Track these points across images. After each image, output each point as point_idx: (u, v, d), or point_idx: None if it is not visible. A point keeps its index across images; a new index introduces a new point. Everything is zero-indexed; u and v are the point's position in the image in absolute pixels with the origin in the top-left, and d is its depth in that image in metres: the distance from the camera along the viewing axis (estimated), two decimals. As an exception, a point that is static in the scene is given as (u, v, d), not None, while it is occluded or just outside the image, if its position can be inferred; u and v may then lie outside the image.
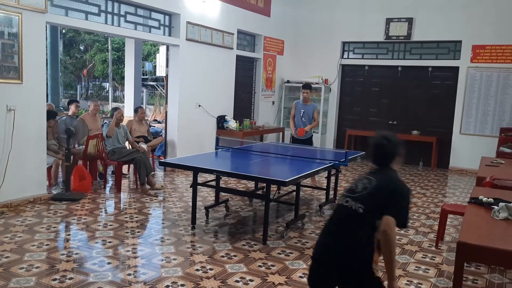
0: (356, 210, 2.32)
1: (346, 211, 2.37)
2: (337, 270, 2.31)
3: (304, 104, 7.22)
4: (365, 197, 2.33)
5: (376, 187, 2.34)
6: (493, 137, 8.88)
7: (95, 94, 25.04)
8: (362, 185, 2.38)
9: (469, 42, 9.16)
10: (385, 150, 2.47)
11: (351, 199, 2.37)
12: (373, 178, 2.39)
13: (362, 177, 2.46)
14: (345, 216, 2.38)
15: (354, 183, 2.46)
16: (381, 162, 2.47)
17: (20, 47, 5.16)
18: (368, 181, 2.39)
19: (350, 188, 2.44)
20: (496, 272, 3.97)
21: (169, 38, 7.63)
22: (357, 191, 2.38)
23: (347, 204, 2.37)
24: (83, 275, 3.50)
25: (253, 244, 4.39)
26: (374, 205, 2.30)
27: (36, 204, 5.39)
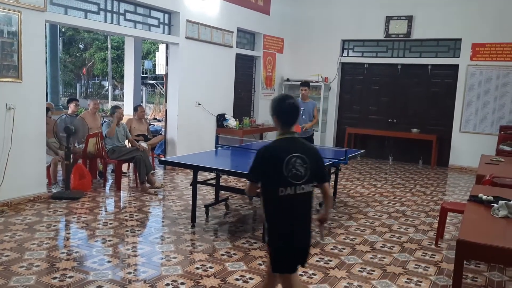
0: (308, 192, 2.52)
1: (301, 199, 2.50)
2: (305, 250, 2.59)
3: (303, 102, 7.18)
4: (310, 176, 2.50)
5: (310, 161, 2.50)
6: (493, 135, 8.88)
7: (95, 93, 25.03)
8: (303, 168, 2.48)
9: (469, 40, 9.16)
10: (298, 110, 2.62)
11: (302, 184, 2.48)
12: (301, 154, 2.49)
13: (292, 158, 2.46)
14: (302, 202, 2.52)
15: (291, 169, 2.46)
16: (293, 122, 2.58)
17: (20, 46, 5.15)
18: (302, 160, 2.48)
19: (295, 175, 2.46)
20: (496, 270, 3.97)
21: (169, 37, 7.63)
22: (302, 175, 2.48)
23: (301, 192, 2.48)
24: (83, 274, 3.50)
25: (253, 243, 4.39)
26: (314, 179, 2.54)
27: (36, 203, 5.39)
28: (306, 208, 2.55)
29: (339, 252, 4.25)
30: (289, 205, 2.49)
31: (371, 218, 5.47)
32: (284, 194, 2.46)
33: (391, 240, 4.68)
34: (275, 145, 2.57)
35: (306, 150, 2.53)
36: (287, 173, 2.45)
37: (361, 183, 7.59)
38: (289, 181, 2.45)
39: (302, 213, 2.53)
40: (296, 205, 2.50)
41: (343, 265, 3.95)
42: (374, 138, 10.39)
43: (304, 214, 2.54)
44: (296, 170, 2.46)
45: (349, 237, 4.72)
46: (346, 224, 5.16)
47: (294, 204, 2.50)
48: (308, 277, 3.63)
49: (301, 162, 2.47)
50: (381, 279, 3.67)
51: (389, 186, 7.46)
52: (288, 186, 2.46)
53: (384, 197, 6.61)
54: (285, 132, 2.56)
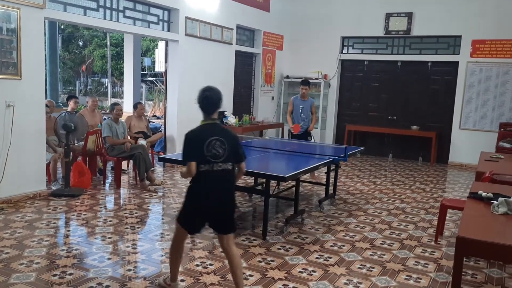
0: (227, 169, 3.01)
1: (220, 174, 2.99)
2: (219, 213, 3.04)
3: (302, 100, 7.22)
4: (228, 156, 3.00)
5: (228, 145, 2.99)
6: (493, 132, 8.88)
7: (94, 90, 25.00)
8: (221, 149, 2.97)
9: (469, 37, 9.15)
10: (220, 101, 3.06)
11: (221, 162, 2.98)
12: (221, 137, 2.98)
13: (212, 141, 2.95)
14: (221, 177, 3.00)
15: (211, 149, 2.94)
16: (211, 112, 3.05)
17: (19, 43, 5.14)
18: (221, 142, 2.97)
19: (214, 155, 2.95)
20: (495, 267, 3.98)
21: (168, 34, 7.61)
22: (221, 155, 2.97)
23: (220, 168, 2.98)
24: (83, 271, 3.50)
25: (252, 240, 4.39)
26: (234, 158, 3.05)
27: (36, 200, 5.39)
28: (223, 182, 3.02)
29: (338, 249, 4.25)
30: (206, 178, 2.97)
31: (371, 215, 5.47)
32: (203, 169, 2.95)
33: (390, 237, 4.68)
34: (198, 129, 3.05)
35: (225, 135, 3.01)
36: (207, 153, 2.93)
37: (360, 180, 7.60)
38: (208, 159, 2.94)
39: (217, 186, 3.00)
40: (213, 179, 2.98)
41: (342, 262, 3.95)
42: (373, 135, 10.39)
43: (220, 186, 3.01)
44: (215, 150, 2.95)
45: (348, 234, 4.72)
46: (346, 221, 5.17)
47: (211, 178, 2.98)
48: (307, 274, 3.64)
49: (220, 144, 2.96)
50: (380, 276, 3.68)
51: (389, 183, 7.46)
52: (207, 163, 2.95)
53: (384, 194, 6.61)
54: (207, 119, 3.06)
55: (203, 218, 3.07)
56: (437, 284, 3.58)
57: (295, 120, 7.26)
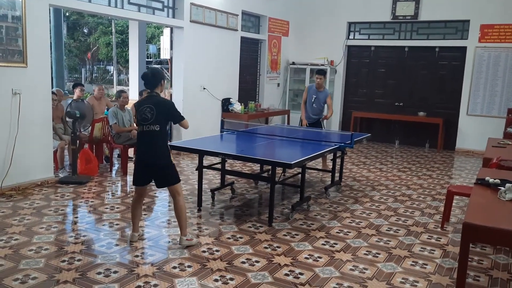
0: (154, 130, 3.65)
1: (149, 133, 3.66)
2: (154, 165, 3.71)
3: (317, 90, 6.86)
4: (156, 119, 3.64)
5: (157, 110, 3.64)
6: (501, 118, 8.81)
7: (100, 78, 25.03)
8: (150, 114, 3.64)
9: (477, 22, 9.01)
10: (155, 78, 3.75)
11: (149, 124, 3.65)
12: (151, 105, 3.66)
13: (143, 107, 3.67)
14: (149, 136, 3.67)
15: (142, 114, 3.66)
16: (152, 87, 3.75)
17: (24, 30, 5.13)
18: (150, 108, 3.65)
19: (143, 118, 3.65)
20: (502, 253, 3.98)
21: (173, 20, 7.57)
22: (149, 118, 3.64)
23: (148, 129, 3.65)
24: (91, 257, 3.55)
25: (258, 226, 4.42)
26: (163, 121, 3.70)
27: (44, 187, 5.44)
28: (153, 140, 3.67)
29: (344, 236, 4.27)
30: (141, 137, 3.73)
31: (377, 202, 5.47)
32: (138, 130, 3.75)
33: (396, 224, 4.69)
34: (141, 100, 3.92)
35: (156, 103, 3.66)
36: (139, 117, 3.69)
37: (367, 167, 7.58)
38: (140, 122, 3.68)
39: (149, 142, 3.68)
40: (145, 137, 3.69)
41: (348, 248, 3.97)
42: (380, 121, 10.34)
43: (151, 143, 3.68)
44: (144, 115, 3.65)
45: (354, 220, 4.73)
46: (352, 208, 5.17)
47: (144, 137, 3.69)
48: (313, 260, 3.66)
49: (149, 110, 3.64)
50: (386, 262, 3.69)
51: (395, 169, 7.44)
52: (140, 125, 3.70)
53: (390, 181, 6.60)
54: (148, 93, 3.80)
55: (142, 172, 3.77)
56: (443, 270, 3.59)
57: (307, 110, 6.97)
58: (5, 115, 5.07)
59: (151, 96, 3.76)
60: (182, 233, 3.83)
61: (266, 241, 4.04)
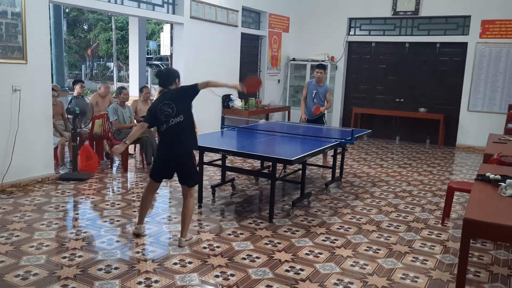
0: (179, 121, 3.65)
1: (175, 127, 3.65)
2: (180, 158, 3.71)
3: (317, 85, 6.79)
4: (178, 111, 3.64)
5: (176, 101, 3.66)
6: (501, 114, 8.80)
7: (100, 74, 25.01)
8: (170, 108, 3.64)
9: (478, 17, 8.99)
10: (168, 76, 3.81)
11: (172, 118, 3.64)
12: (168, 100, 3.65)
13: (162, 105, 3.65)
14: (176, 129, 3.65)
15: (163, 112, 3.64)
16: (165, 84, 3.77)
17: (24, 27, 5.12)
18: (168, 104, 3.64)
19: (165, 115, 3.64)
20: (502, 249, 3.98)
21: (173, 16, 7.55)
22: (170, 113, 3.64)
23: (173, 123, 3.64)
24: (92, 253, 3.55)
25: (259, 222, 4.42)
26: (184, 109, 3.69)
27: (44, 184, 5.44)
28: (182, 131, 3.67)
29: (345, 232, 4.27)
30: (168, 134, 3.67)
31: (378, 198, 5.47)
32: (163, 129, 3.68)
33: (397, 220, 4.69)
34: (155, 100, 3.84)
35: (170, 97, 3.68)
36: (160, 116, 3.65)
37: (367, 163, 7.58)
38: (163, 120, 3.65)
39: (177, 134, 3.66)
40: (172, 132, 3.66)
41: (349, 244, 3.97)
42: (380, 118, 10.33)
43: (180, 134, 3.67)
44: (166, 111, 3.63)
45: (355, 216, 4.73)
46: (353, 204, 5.17)
47: (171, 132, 3.66)
48: (314, 256, 3.66)
49: (168, 105, 3.63)
50: (387, 258, 3.69)
51: (396, 166, 7.44)
52: (164, 123, 3.65)
53: (391, 177, 6.60)
54: (162, 90, 3.82)
55: (165, 165, 3.78)
56: (444, 265, 3.59)
57: (307, 105, 6.87)
58: (5, 112, 5.07)
59: (163, 93, 3.77)
60: (182, 235, 3.79)
61: (267, 237, 4.05)
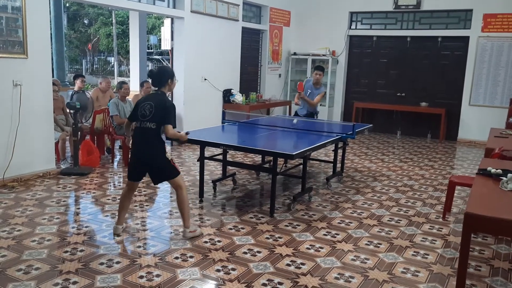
0: (150, 127, 3.60)
1: (144, 130, 3.61)
2: (147, 163, 3.71)
3: (313, 86, 6.61)
4: (153, 117, 3.58)
5: (155, 108, 3.58)
6: (503, 108, 8.78)
7: (101, 69, 24.97)
8: (148, 110, 3.59)
9: (480, 11, 8.94)
10: (161, 77, 3.70)
11: (146, 121, 3.60)
12: (151, 102, 3.61)
13: (145, 104, 3.63)
14: (144, 132, 3.62)
15: (141, 110, 3.61)
16: (157, 85, 3.71)
17: (24, 21, 5.11)
18: (150, 105, 3.60)
19: (142, 114, 3.61)
20: (503, 243, 3.98)
21: (174, 10, 7.52)
22: (147, 115, 3.59)
23: (144, 126, 3.61)
24: (93, 248, 3.56)
25: (260, 217, 4.43)
26: (158, 120, 3.59)
27: (46, 179, 5.45)
28: (148, 138, 3.62)
29: (346, 226, 4.28)
30: (137, 133, 3.67)
31: (379, 193, 5.47)
32: (135, 126, 3.69)
33: (398, 214, 4.69)
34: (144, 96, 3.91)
35: (157, 102, 3.62)
36: (139, 112, 3.64)
37: (368, 157, 7.58)
38: (138, 118, 3.64)
39: (144, 139, 3.63)
40: (140, 133, 3.64)
41: (350, 238, 3.98)
42: (382, 112, 10.31)
43: (146, 141, 3.63)
44: (143, 111, 3.61)
45: (356, 211, 4.74)
46: (354, 199, 5.18)
47: (139, 133, 3.65)
48: (315, 250, 3.67)
49: (149, 107, 3.60)
50: (388, 252, 3.70)
51: (397, 160, 7.44)
52: (138, 121, 3.65)
53: (392, 172, 6.60)
54: (154, 90, 3.80)
55: (136, 166, 3.76)
56: (444, 260, 3.60)
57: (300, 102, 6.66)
58: (6, 107, 5.07)
59: (155, 94, 3.74)
60: (185, 225, 3.84)
61: (268, 231, 4.05)
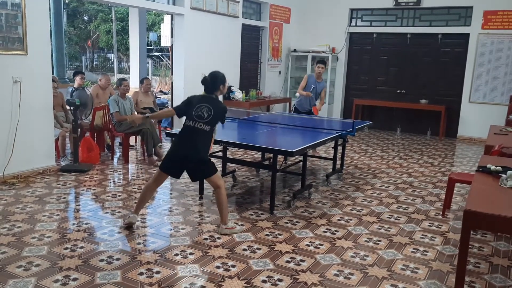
0: (204, 129, 3.76)
1: (199, 130, 3.76)
2: (192, 161, 3.77)
3: (316, 80, 6.81)
4: (210, 120, 3.76)
5: (214, 112, 3.77)
6: (503, 105, 8.78)
7: (100, 66, 24.93)
8: (206, 113, 3.76)
9: (481, 8, 8.93)
10: (214, 83, 3.88)
11: (202, 123, 3.75)
12: (210, 106, 3.78)
13: (202, 106, 3.77)
14: (198, 132, 3.76)
15: (198, 112, 3.76)
16: (210, 91, 3.88)
17: (24, 18, 5.10)
18: (208, 109, 3.77)
19: (198, 115, 3.75)
20: (502, 240, 3.99)
21: (173, 7, 7.51)
22: (205, 117, 3.75)
23: (200, 127, 3.75)
24: (93, 244, 3.57)
25: (260, 214, 4.43)
26: (214, 123, 3.82)
27: (46, 175, 5.45)
28: (201, 138, 3.77)
29: (346, 223, 4.28)
30: (189, 132, 3.78)
31: (378, 190, 5.48)
32: (188, 124, 3.79)
33: (398, 211, 4.70)
34: (198, 96, 3.94)
35: (215, 107, 3.80)
36: (194, 113, 3.77)
37: (368, 154, 7.58)
38: (194, 118, 3.76)
39: (196, 139, 3.76)
40: (194, 133, 3.76)
41: (349, 235, 3.98)
42: (382, 109, 10.31)
43: (198, 141, 3.76)
44: (201, 113, 3.76)
45: (356, 208, 4.74)
46: (353, 196, 5.18)
47: (192, 132, 3.77)
48: (315, 247, 3.68)
49: (206, 110, 3.76)
50: (387, 249, 3.71)
51: (397, 157, 7.44)
52: (192, 120, 3.77)
53: (392, 169, 6.60)
54: (205, 93, 3.92)
55: (178, 162, 3.81)
56: (444, 257, 3.61)
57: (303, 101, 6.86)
58: (6, 103, 5.06)
59: (211, 97, 3.86)
60: (222, 222, 3.91)
61: (268, 228, 4.06)
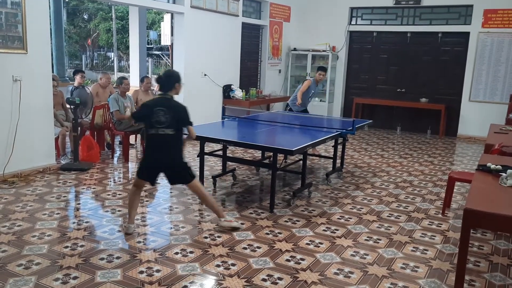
0: (169, 133, 3.60)
1: (162, 137, 3.60)
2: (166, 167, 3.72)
3: (315, 86, 7.02)
4: (171, 123, 3.58)
5: (171, 114, 3.58)
6: (503, 104, 8.78)
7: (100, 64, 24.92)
8: (163, 117, 3.57)
9: (481, 6, 8.92)
10: (168, 80, 3.69)
11: (163, 128, 3.58)
12: (165, 108, 3.58)
13: (157, 110, 3.57)
14: (163, 139, 3.61)
15: (155, 117, 3.56)
16: (165, 89, 3.68)
17: (24, 16, 5.09)
18: (164, 112, 3.57)
19: (157, 121, 3.57)
20: (502, 239, 3.99)
21: (173, 6, 7.50)
22: (163, 122, 3.57)
23: (163, 132, 3.59)
24: (94, 243, 3.57)
25: (260, 212, 4.44)
26: (176, 125, 3.62)
27: (46, 174, 5.46)
28: (168, 144, 3.63)
29: (345, 222, 4.28)
30: (154, 140, 3.65)
31: (378, 188, 5.48)
32: (151, 133, 3.63)
33: (397, 210, 4.70)
34: (153, 99, 3.82)
35: (170, 107, 3.60)
36: (152, 118, 3.58)
37: (368, 153, 7.58)
38: (154, 125, 3.58)
39: (162, 146, 3.64)
40: (158, 140, 3.62)
41: (349, 234, 3.99)
42: (382, 108, 10.31)
43: (165, 147, 3.64)
44: (158, 118, 3.56)
45: (355, 207, 4.75)
46: (353, 194, 5.19)
47: (157, 141, 3.63)
48: (315, 246, 3.68)
49: (163, 114, 3.56)
50: (387, 248, 3.71)
51: (397, 156, 7.44)
52: (153, 128, 3.59)
53: (392, 167, 6.61)
54: (161, 94, 3.72)
55: (151, 169, 3.75)
56: (444, 255, 3.61)
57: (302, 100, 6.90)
58: (6, 102, 5.06)
59: (164, 98, 3.67)
60: (219, 216, 3.95)
61: (268, 227, 4.06)
